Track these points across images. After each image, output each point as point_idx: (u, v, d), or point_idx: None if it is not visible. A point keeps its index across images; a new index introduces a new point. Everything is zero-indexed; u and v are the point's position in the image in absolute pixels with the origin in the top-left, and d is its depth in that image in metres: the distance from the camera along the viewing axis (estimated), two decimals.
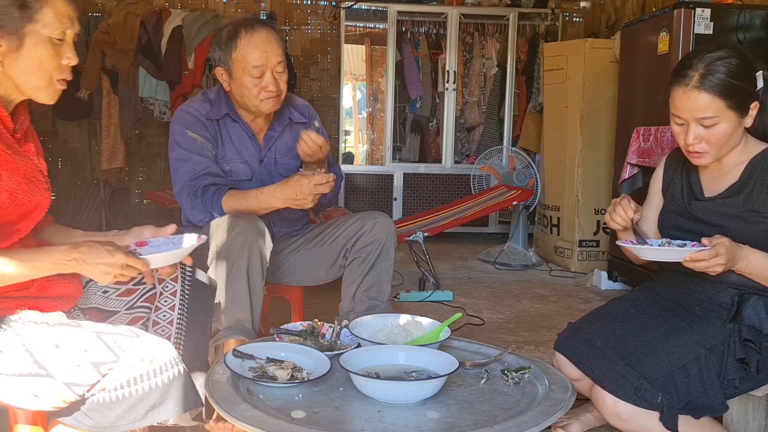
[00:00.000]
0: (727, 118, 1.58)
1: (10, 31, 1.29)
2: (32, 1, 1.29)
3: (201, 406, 1.37)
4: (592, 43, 4.52)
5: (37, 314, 1.32)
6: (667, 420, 1.51)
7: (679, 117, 1.62)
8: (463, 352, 1.72)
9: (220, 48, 2.10)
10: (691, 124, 1.60)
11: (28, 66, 1.32)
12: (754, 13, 3.41)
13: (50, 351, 1.26)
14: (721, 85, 1.56)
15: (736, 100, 1.57)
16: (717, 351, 1.57)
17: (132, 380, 1.26)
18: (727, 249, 1.49)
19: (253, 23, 2.10)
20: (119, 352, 1.27)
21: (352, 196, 5.83)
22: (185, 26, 5.51)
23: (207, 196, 2.03)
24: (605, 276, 4.00)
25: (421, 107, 6.27)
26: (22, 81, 1.34)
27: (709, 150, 1.62)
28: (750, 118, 1.61)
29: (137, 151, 6.05)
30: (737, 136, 1.63)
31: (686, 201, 1.74)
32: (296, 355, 1.56)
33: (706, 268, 1.51)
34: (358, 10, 5.89)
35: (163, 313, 1.58)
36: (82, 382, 1.26)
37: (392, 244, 2.20)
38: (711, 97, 1.56)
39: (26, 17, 1.29)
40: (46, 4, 1.30)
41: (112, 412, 1.27)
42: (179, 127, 2.12)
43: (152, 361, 1.27)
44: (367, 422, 1.29)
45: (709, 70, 1.57)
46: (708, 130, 1.59)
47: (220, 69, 2.12)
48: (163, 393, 1.28)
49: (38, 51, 1.31)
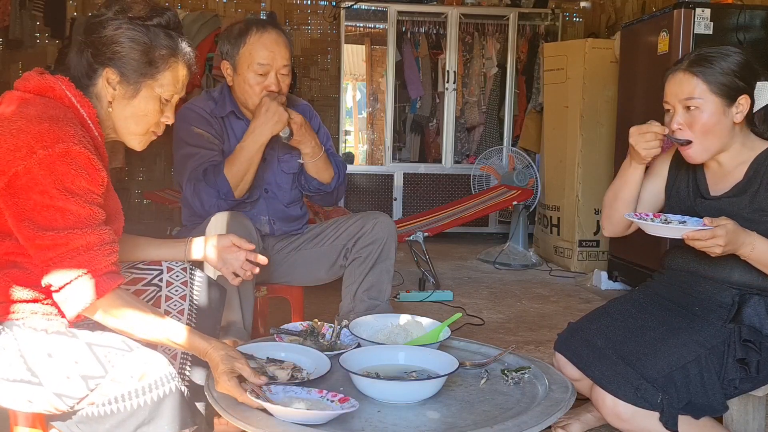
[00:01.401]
0: (710, 102, 1.60)
1: (130, 81, 1.38)
2: (159, 62, 1.39)
3: (195, 425, 1.32)
4: (592, 43, 4.53)
5: (39, 320, 1.31)
6: (667, 420, 1.51)
7: (667, 102, 1.67)
8: (463, 352, 1.72)
9: (229, 42, 2.12)
10: (677, 108, 1.64)
11: (133, 114, 1.41)
12: (754, 13, 3.41)
13: (43, 359, 1.25)
14: (706, 68, 1.61)
15: (720, 86, 1.60)
16: (717, 351, 1.57)
17: (119, 397, 1.24)
18: (728, 232, 1.49)
19: (265, 24, 2.12)
20: (108, 367, 1.25)
21: (352, 196, 5.83)
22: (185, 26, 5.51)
23: (209, 177, 2.03)
24: (605, 276, 4.00)
25: (421, 107, 6.27)
26: (122, 125, 1.43)
27: (693, 138, 1.63)
28: (740, 113, 1.62)
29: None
30: (723, 129, 1.63)
31: (692, 199, 1.74)
32: (296, 355, 1.56)
33: (704, 248, 1.52)
34: (358, 10, 5.89)
35: (173, 317, 1.57)
36: (72, 395, 1.25)
37: (393, 245, 2.20)
38: (695, 78, 1.61)
39: (149, 74, 1.39)
40: (168, 67, 1.40)
41: (101, 426, 1.25)
42: (185, 125, 2.12)
43: (141, 378, 1.24)
44: (367, 422, 1.29)
45: (698, 57, 1.63)
46: (691, 115, 1.62)
47: (226, 63, 2.13)
48: (153, 411, 1.24)
49: (147, 105, 1.41)
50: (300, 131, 2.10)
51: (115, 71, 1.37)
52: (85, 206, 1.24)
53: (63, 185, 1.22)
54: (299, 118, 2.09)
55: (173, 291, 1.60)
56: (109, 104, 1.40)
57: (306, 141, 2.13)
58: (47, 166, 1.21)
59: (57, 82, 1.34)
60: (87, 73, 1.38)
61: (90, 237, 1.24)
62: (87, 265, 1.23)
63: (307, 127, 2.14)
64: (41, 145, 1.21)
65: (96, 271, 1.24)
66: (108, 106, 1.40)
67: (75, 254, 1.23)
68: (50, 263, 1.23)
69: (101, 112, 1.40)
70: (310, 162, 2.19)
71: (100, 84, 1.38)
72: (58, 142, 1.22)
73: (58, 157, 1.22)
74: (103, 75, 1.37)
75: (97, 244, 1.25)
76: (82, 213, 1.24)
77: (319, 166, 2.20)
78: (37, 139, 1.22)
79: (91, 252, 1.24)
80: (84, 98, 1.35)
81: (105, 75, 1.37)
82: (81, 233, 1.23)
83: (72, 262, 1.23)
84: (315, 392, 1.36)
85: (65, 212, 1.22)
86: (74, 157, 1.23)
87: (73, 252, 1.23)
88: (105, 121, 1.42)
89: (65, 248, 1.22)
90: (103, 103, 1.40)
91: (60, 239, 1.22)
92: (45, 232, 1.22)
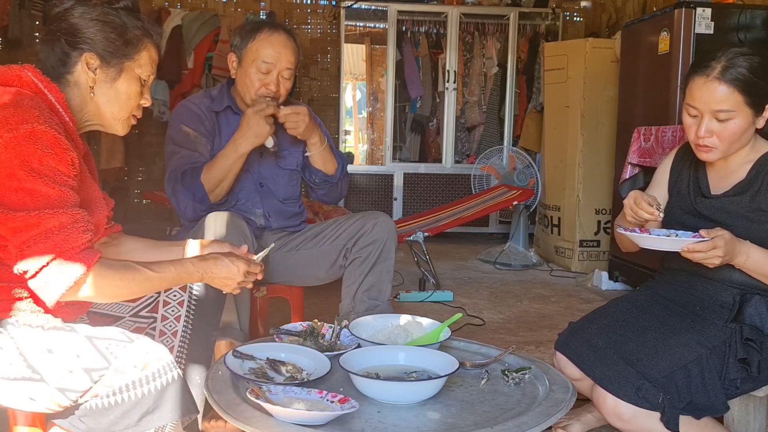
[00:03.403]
0: (743, 114, 1.57)
1: (111, 64, 1.40)
2: (136, 42, 1.42)
3: (196, 413, 1.34)
4: (593, 42, 4.52)
5: (33, 317, 1.31)
6: (668, 420, 1.51)
7: (695, 108, 1.61)
8: (463, 353, 1.71)
9: (240, 35, 2.17)
10: (705, 116, 1.59)
11: (117, 97, 1.43)
12: (755, 13, 3.41)
13: (43, 356, 1.25)
14: (742, 79, 1.55)
15: (754, 98, 1.57)
16: (718, 351, 1.57)
17: (124, 387, 1.24)
18: (726, 242, 1.49)
19: (278, 27, 2.19)
20: (111, 359, 1.26)
21: (352, 196, 5.82)
22: (184, 26, 5.52)
23: (186, 179, 2.07)
24: (606, 276, 4.00)
25: (421, 107, 6.27)
26: (107, 110, 1.44)
27: (718, 146, 1.61)
28: (763, 119, 1.61)
29: (136, 150, 6.04)
30: (748, 135, 1.62)
31: (692, 197, 1.74)
32: (296, 355, 1.55)
33: (703, 260, 1.51)
34: (358, 9, 5.89)
35: (170, 323, 1.57)
36: (75, 388, 1.25)
37: (393, 245, 2.20)
38: (731, 90, 1.56)
39: (128, 55, 1.41)
40: (144, 47, 1.44)
41: (105, 418, 1.26)
42: (175, 122, 2.18)
43: (145, 368, 1.25)
44: (367, 422, 1.29)
45: (731, 64, 1.56)
46: (721, 125, 1.58)
47: (233, 55, 2.18)
48: (157, 399, 1.26)
49: (130, 86, 1.43)
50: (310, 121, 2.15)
51: (95, 55, 1.37)
52: (54, 187, 1.22)
53: (30, 166, 1.20)
54: (305, 108, 2.15)
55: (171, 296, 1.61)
56: (91, 89, 1.40)
57: (314, 131, 2.20)
58: (13, 148, 1.20)
59: (23, 70, 1.33)
60: (62, 61, 1.38)
61: (62, 217, 1.22)
62: (62, 244, 1.21)
63: (311, 117, 2.19)
64: (6, 129, 1.21)
65: (72, 249, 1.22)
66: (90, 91, 1.40)
67: (49, 235, 1.20)
68: (24, 247, 1.20)
69: (79, 100, 1.40)
70: (316, 153, 2.22)
71: (78, 70, 1.38)
72: (23, 123, 1.22)
73: (24, 137, 1.21)
74: (81, 60, 1.37)
75: (70, 223, 1.23)
76: (52, 194, 1.22)
77: (325, 156, 2.25)
78: (2, 124, 1.21)
79: (64, 231, 1.21)
80: (51, 84, 1.35)
81: (84, 60, 1.37)
82: (53, 213, 1.21)
83: (46, 243, 1.20)
84: (315, 393, 1.35)
85: (34, 193, 1.21)
86: (40, 137, 1.22)
87: (46, 233, 1.20)
88: (84, 108, 1.41)
89: (38, 229, 1.20)
90: (83, 89, 1.40)
91: (31, 220, 1.20)
92: (16, 213, 1.20)
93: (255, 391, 1.30)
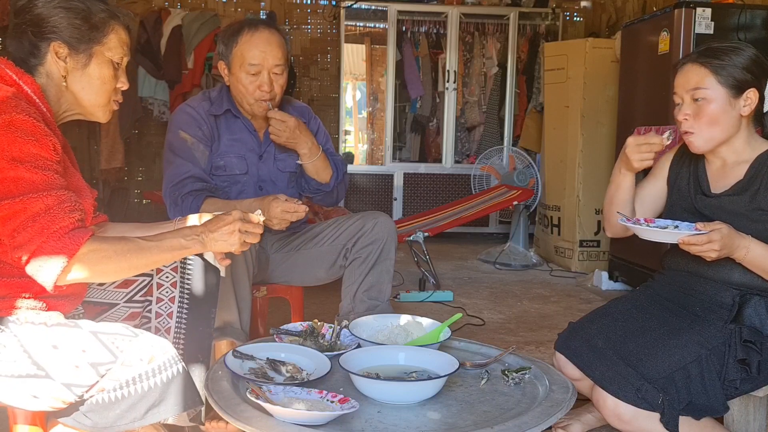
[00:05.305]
0: (717, 93, 1.61)
1: (80, 50, 1.39)
2: (102, 25, 1.40)
3: (201, 405, 1.36)
4: (593, 42, 4.52)
5: (34, 314, 1.31)
6: (668, 421, 1.51)
7: (676, 94, 1.68)
8: (463, 353, 1.72)
9: (223, 42, 2.15)
10: (685, 99, 1.66)
11: (91, 84, 1.42)
12: (755, 13, 3.41)
13: (48, 352, 1.25)
14: (714, 60, 1.62)
15: (728, 78, 1.61)
16: (718, 352, 1.57)
17: (131, 380, 1.26)
18: (723, 236, 1.50)
19: (257, 24, 2.13)
20: (117, 353, 1.27)
21: (352, 196, 5.83)
22: (184, 26, 5.51)
23: (185, 205, 2.05)
24: (606, 276, 4.00)
25: (421, 107, 6.27)
26: (84, 97, 1.42)
27: (696, 129, 1.64)
28: (747, 107, 1.63)
29: (136, 150, 6.04)
30: (729, 120, 1.63)
31: (692, 195, 1.74)
32: (296, 355, 1.56)
33: (700, 253, 1.52)
34: (358, 9, 5.89)
35: (165, 304, 1.58)
36: (81, 383, 1.26)
37: (393, 245, 2.20)
38: (703, 69, 1.63)
39: (96, 39, 1.40)
40: (111, 30, 1.42)
41: (112, 412, 1.27)
42: (174, 127, 2.17)
43: (151, 361, 1.27)
44: (367, 422, 1.29)
45: (708, 49, 1.65)
46: (697, 106, 1.63)
47: (222, 63, 2.16)
48: (162, 392, 1.27)
49: (102, 71, 1.42)
50: (294, 133, 2.13)
51: (62, 43, 1.37)
52: (37, 172, 1.22)
53: (11, 155, 1.21)
54: (292, 120, 2.12)
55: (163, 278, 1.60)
56: (64, 78, 1.39)
57: (301, 142, 2.16)
58: None
59: None
60: (32, 52, 1.37)
61: (48, 199, 1.22)
62: (49, 226, 1.21)
63: (302, 128, 2.16)
64: None
65: (61, 229, 1.21)
66: (62, 81, 1.39)
67: (36, 218, 1.20)
68: (15, 234, 1.20)
69: (55, 90, 1.39)
70: (308, 162, 2.21)
71: (49, 61, 1.38)
72: (1, 114, 1.22)
73: (2, 127, 1.21)
74: (50, 50, 1.37)
75: (56, 204, 1.22)
76: (36, 179, 1.22)
77: (318, 165, 2.23)
78: None
79: (50, 213, 1.21)
80: (25, 75, 1.34)
81: (52, 50, 1.37)
82: (37, 197, 1.21)
83: (34, 227, 1.20)
84: (315, 393, 1.36)
85: (18, 180, 1.21)
86: (18, 126, 1.22)
87: (33, 216, 1.20)
88: (61, 98, 1.41)
89: (24, 215, 1.20)
90: (56, 79, 1.39)
91: (17, 205, 1.20)
92: (1, 201, 1.20)
93: (255, 391, 1.30)
